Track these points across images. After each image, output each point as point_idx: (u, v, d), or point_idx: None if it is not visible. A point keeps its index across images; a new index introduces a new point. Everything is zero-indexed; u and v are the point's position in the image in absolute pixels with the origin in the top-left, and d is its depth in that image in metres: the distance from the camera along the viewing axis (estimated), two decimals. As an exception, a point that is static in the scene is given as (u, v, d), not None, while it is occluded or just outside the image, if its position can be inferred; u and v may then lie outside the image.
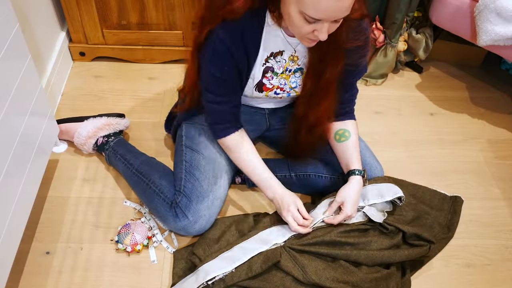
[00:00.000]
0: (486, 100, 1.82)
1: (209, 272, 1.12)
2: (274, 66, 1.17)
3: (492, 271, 1.29)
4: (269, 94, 1.24)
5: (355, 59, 1.14)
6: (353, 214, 1.21)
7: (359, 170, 1.23)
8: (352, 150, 1.25)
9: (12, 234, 1.09)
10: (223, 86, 1.13)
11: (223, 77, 1.10)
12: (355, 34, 1.08)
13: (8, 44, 1.05)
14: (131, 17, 1.71)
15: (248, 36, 1.06)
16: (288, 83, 1.22)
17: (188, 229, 1.23)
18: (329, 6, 0.89)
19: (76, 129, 1.46)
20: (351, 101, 1.28)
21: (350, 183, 1.22)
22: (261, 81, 1.19)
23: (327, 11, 0.90)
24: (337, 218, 1.21)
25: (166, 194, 1.26)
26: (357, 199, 1.22)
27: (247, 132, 1.37)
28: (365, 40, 1.12)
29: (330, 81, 1.14)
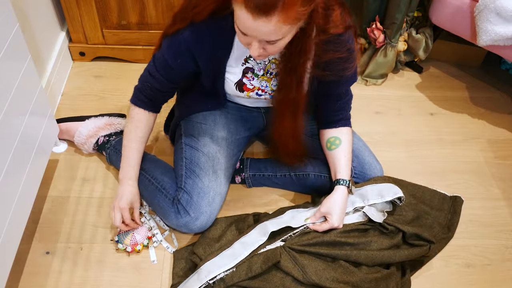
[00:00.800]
0: (486, 100, 1.82)
1: (211, 271, 1.12)
2: (255, 67, 1.18)
3: (492, 271, 1.29)
4: (251, 95, 1.24)
5: (338, 71, 1.13)
6: (339, 225, 1.20)
7: (344, 180, 1.22)
8: (341, 158, 1.24)
9: (12, 234, 1.09)
10: (166, 70, 1.17)
11: (171, 65, 1.15)
12: (335, 46, 1.07)
13: (8, 44, 1.05)
14: (131, 17, 1.71)
15: (217, 39, 1.09)
16: (269, 86, 1.22)
17: (189, 226, 1.23)
18: (247, 23, 0.90)
19: (77, 128, 1.46)
20: (344, 108, 1.26)
21: (334, 193, 1.21)
22: (241, 80, 1.20)
23: (247, 28, 0.91)
24: (322, 227, 1.20)
25: (168, 190, 1.27)
26: (342, 210, 1.20)
27: (243, 130, 1.37)
28: (348, 52, 1.10)
29: (284, 103, 1.14)
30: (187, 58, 1.13)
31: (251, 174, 1.42)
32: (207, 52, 1.12)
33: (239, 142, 1.37)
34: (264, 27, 0.89)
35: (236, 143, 1.36)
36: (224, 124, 1.33)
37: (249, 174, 1.42)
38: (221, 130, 1.32)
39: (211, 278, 1.11)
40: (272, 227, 1.20)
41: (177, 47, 1.12)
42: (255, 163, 1.43)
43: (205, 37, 1.09)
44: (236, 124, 1.37)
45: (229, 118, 1.35)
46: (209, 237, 1.24)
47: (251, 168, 1.42)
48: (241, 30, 0.94)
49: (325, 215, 1.21)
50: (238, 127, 1.37)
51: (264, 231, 1.19)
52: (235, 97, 1.30)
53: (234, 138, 1.35)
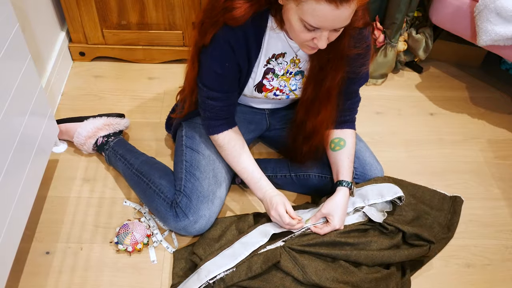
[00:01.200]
0: (486, 100, 1.82)
1: (211, 271, 1.12)
2: (275, 68, 1.17)
3: (492, 271, 1.29)
4: (268, 95, 1.24)
5: (355, 67, 1.14)
6: (341, 226, 1.20)
7: (346, 181, 1.21)
8: (344, 160, 1.24)
9: (12, 234, 1.09)
10: (222, 82, 1.13)
11: (223, 73, 1.10)
12: (356, 42, 1.08)
13: (8, 44, 1.05)
14: (131, 17, 1.71)
15: (250, 38, 1.06)
16: (288, 85, 1.22)
17: (188, 229, 1.23)
18: (327, 15, 0.89)
19: (76, 129, 1.46)
20: (352, 109, 1.27)
21: (336, 195, 1.21)
22: (261, 82, 1.20)
23: (325, 19, 0.90)
24: (324, 230, 1.19)
25: (166, 194, 1.26)
26: (344, 211, 1.20)
27: (247, 132, 1.37)
28: (366, 48, 1.11)
29: (330, 90, 1.14)
30: (232, 57, 1.08)
31: (251, 174, 1.42)
32: (244, 52, 1.09)
33: None
34: (345, 13, 0.89)
35: None
36: None
37: (249, 174, 1.42)
38: None
39: (211, 278, 1.11)
40: (274, 229, 1.20)
41: (219, 49, 1.06)
42: (255, 163, 1.43)
43: (242, 38, 1.06)
44: (239, 127, 1.36)
45: None
46: (209, 237, 1.24)
47: (251, 168, 1.42)
48: (313, 25, 0.92)
49: (326, 216, 1.21)
50: (241, 129, 1.36)
51: (265, 232, 1.19)
52: (249, 98, 1.29)
53: None
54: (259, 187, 1.22)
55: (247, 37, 1.06)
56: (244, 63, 1.11)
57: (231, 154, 1.23)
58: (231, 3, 0.99)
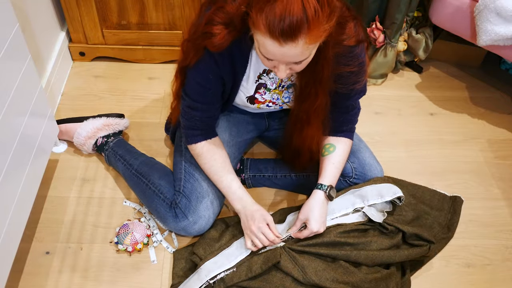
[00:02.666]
0: (486, 100, 1.82)
1: (211, 270, 1.12)
2: (267, 83, 1.18)
3: (492, 271, 1.29)
4: (261, 106, 1.25)
5: (348, 85, 1.12)
6: (320, 229, 1.17)
7: (322, 185, 1.20)
8: (328, 164, 1.22)
9: (12, 234, 1.09)
10: (203, 94, 1.13)
11: (206, 85, 1.10)
12: (347, 60, 1.07)
13: (8, 44, 1.05)
14: (131, 17, 1.71)
15: (235, 56, 1.07)
16: (280, 98, 1.23)
17: (188, 230, 1.23)
18: (274, 50, 0.89)
19: (76, 129, 1.46)
20: (350, 121, 1.25)
21: (309, 198, 1.20)
22: (253, 96, 1.20)
23: (274, 54, 0.91)
24: (303, 233, 1.18)
25: (165, 194, 1.26)
26: (320, 214, 1.17)
27: (246, 132, 1.37)
28: (359, 66, 1.09)
29: (309, 113, 1.14)
30: (216, 71, 1.09)
31: (251, 174, 1.42)
32: (229, 67, 1.09)
33: (240, 144, 1.37)
34: (292, 51, 0.88)
35: (237, 146, 1.36)
36: (226, 127, 1.33)
37: (249, 174, 1.42)
38: (222, 133, 1.31)
39: (211, 277, 1.11)
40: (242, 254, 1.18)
41: (204, 63, 1.07)
42: (255, 164, 1.43)
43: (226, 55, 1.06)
44: (238, 127, 1.36)
45: (231, 121, 1.35)
46: (209, 237, 1.24)
47: (251, 169, 1.42)
48: (266, 56, 0.93)
49: (305, 222, 1.19)
50: (240, 129, 1.37)
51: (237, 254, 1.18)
52: (243, 106, 1.30)
53: (236, 141, 1.35)
54: (237, 198, 1.20)
55: (233, 55, 1.06)
56: (229, 77, 1.12)
57: (208, 163, 1.21)
58: (210, 28, 0.99)
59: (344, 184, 1.32)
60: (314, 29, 0.85)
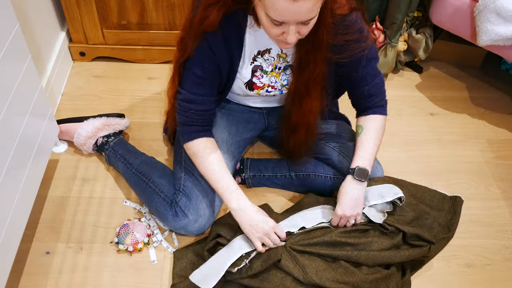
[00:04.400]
0: (486, 100, 1.82)
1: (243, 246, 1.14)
2: (263, 65, 1.17)
3: (492, 271, 1.29)
4: (261, 92, 1.24)
5: (353, 53, 1.12)
6: (345, 213, 1.17)
7: (350, 168, 1.20)
8: (358, 148, 1.22)
9: (12, 234, 1.09)
10: (200, 85, 1.12)
11: (202, 75, 1.10)
12: (343, 29, 1.07)
13: (8, 44, 1.05)
14: (131, 17, 1.71)
15: (230, 39, 1.08)
16: (279, 81, 1.22)
17: (188, 228, 1.23)
18: (287, 8, 0.89)
19: (76, 129, 1.46)
20: (375, 94, 1.21)
21: (342, 183, 1.21)
22: (251, 80, 1.20)
23: (286, 13, 0.90)
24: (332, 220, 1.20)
25: (166, 193, 1.26)
26: (349, 198, 1.17)
27: (245, 131, 1.37)
28: (357, 32, 1.09)
29: (308, 82, 1.13)
30: (213, 58, 1.09)
31: (251, 174, 1.42)
32: (225, 53, 1.09)
33: (239, 144, 1.37)
34: (304, 6, 0.88)
35: (236, 145, 1.36)
36: (225, 126, 1.33)
37: (249, 174, 1.42)
38: (221, 132, 1.31)
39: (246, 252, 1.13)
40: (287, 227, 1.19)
41: (200, 50, 1.07)
42: (255, 164, 1.43)
43: (221, 40, 1.07)
44: (237, 126, 1.36)
45: (230, 120, 1.35)
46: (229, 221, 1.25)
47: (251, 169, 1.42)
48: (277, 19, 0.92)
49: None
50: (239, 128, 1.37)
51: None
52: (243, 97, 1.29)
53: (235, 140, 1.35)
54: (235, 198, 1.17)
55: (227, 39, 1.06)
56: (225, 64, 1.12)
57: (205, 162, 1.17)
58: (205, 13, 1.01)
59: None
60: None
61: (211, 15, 1.00)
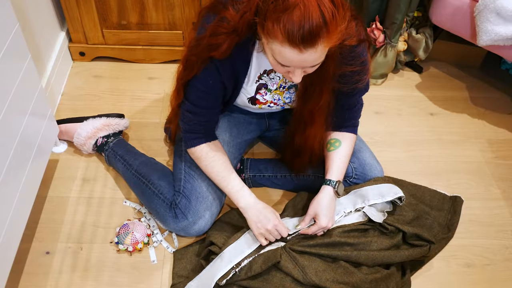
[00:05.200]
0: (486, 100, 1.82)
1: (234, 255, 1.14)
2: (268, 83, 1.18)
3: (492, 271, 1.29)
4: (263, 107, 1.25)
5: (351, 83, 1.13)
6: (328, 224, 1.18)
7: (330, 180, 1.21)
8: (335, 160, 1.23)
9: (12, 234, 1.09)
10: (203, 99, 1.13)
11: (206, 90, 1.10)
12: (349, 60, 1.07)
13: (8, 44, 1.05)
14: (131, 17, 1.71)
15: (237, 63, 1.08)
16: (282, 99, 1.23)
17: (187, 230, 1.23)
18: (293, 58, 0.90)
19: (76, 130, 1.46)
20: (353, 117, 1.26)
21: (318, 194, 1.21)
22: (254, 97, 1.20)
23: (292, 61, 0.91)
24: (311, 229, 1.19)
25: (165, 195, 1.26)
26: (329, 209, 1.19)
27: (246, 132, 1.37)
28: (361, 65, 1.10)
29: (313, 112, 1.14)
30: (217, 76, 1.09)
31: (251, 174, 1.42)
32: (230, 72, 1.10)
33: (240, 145, 1.37)
34: (312, 56, 0.89)
35: (237, 146, 1.36)
36: (226, 127, 1.33)
37: (249, 174, 1.42)
38: (222, 133, 1.31)
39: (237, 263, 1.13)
40: None
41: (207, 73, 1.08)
42: (255, 164, 1.43)
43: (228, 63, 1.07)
44: (238, 127, 1.36)
45: (231, 121, 1.35)
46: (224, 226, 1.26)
47: (251, 169, 1.42)
48: (283, 64, 0.93)
49: (314, 217, 1.20)
50: (240, 130, 1.37)
51: None
52: (245, 106, 1.30)
53: (236, 141, 1.35)
54: (241, 196, 1.20)
55: (234, 59, 1.06)
56: (230, 82, 1.12)
57: (209, 165, 1.20)
58: (215, 39, 0.99)
59: (344, 184, 1.32)
60: (332, 32, 0.86)
61: (224, 45, 0.98)
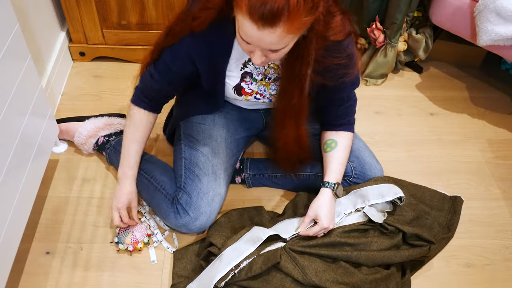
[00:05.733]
0: (486, 100, 1.82)
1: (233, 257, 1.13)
2: (253, 72, 1.18)
3: (492, 271, 1.29)
4: (249, 98, 1.25)
5: (337, 77, 1.12)
6: (330, 225, 1.18)
7: (329, 183, 1.20)
8: (332, 161, 1.23)
9: (12, 234, 1.09)
10: (166, 73, 1.16)
11: (171, 67, 1.14)
12: (334, 52, 1.07)
13: (8, 44, 1.05)
14: (131, 17, 1.71)
15: (216, 47, 1.08)
16: (268, 90, 1.23)
17: (189, 226, 1.23)
18: (252, 33, 0.89)
19: (77, 129, 1.46)
20: (347, 113, 1.25)
21: (318, 196, 1.20)
22: (239, 85, 1.20)
23: (251, 37, 0.91)
24: (312, 230, 1.18)
25: (167, 190, 1.27)
26: (330, 210, 1.19)
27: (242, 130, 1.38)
28: (347, 58, 1.09)
29: (286, 110, 1.13)
30: (187, 62, 1.12)
31: (251, 174, 1.42)
32: (206, 58, 1.11)
33: (238, 142, 1.37)
34: (269, 37, 0.89)
35: (235, 143, 1.36)
36: (224, 124, 1.33)
37: (249, 174, 1.42)
38: (220, 130, 1.32)
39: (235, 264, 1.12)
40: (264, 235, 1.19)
41: (176, 52, 1.11)
42: (255, 163, 1.43)
43: (204, 44, 1.08)
44: (235, 124, 1.37)
45: (228, 118, 1.35)
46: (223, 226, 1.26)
47: (251, 168, 1.42)
48: (244, 39, 0.93)
49: (314, 219, 1.20)
50: (237, 127, 1.37)
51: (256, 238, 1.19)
52: (234, 100, 1.30)
53: (234, 138, 1.35)
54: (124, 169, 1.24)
55: (212, 47, 1.07)
56: (205, 68, 1.14)
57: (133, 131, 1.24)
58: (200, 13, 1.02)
59: (344, 184, 1.32)
60: (293, 19, 0.85)
61: (202, 15, 1.01)
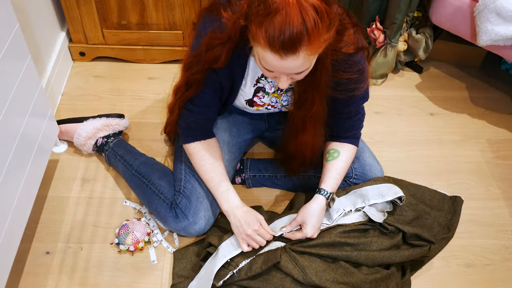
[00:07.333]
0: (486, 100, 1.82)
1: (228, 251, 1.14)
2: (266, 86, 1.18)
3: (492, 271, 1.29)
4: (260, 109, 1.26)
5: (348, 91, 1.12)
6: (313, 235, 1.17)
7: (325, 190, 1.19)
8: (331, 170, 1.22)
9: (12, 234, 1.09)
10: (200, 97, 1.13)
11: (203, 89, 1.11)
12: (346, 67, 1.06)
13: (8, 44, 1.05)
14: (131, 17, 1.71)
15: (234, 65, 1.08)
16: (279, 101, 1.23)
17: (188, 230, 1.23)
18: (275, 63, 0.89)
19: (76, 130, 1.46)
20: (353, 127, 1.24)
21: (310, 202, 1.19)
22: (251, 99, 1.21)
23: (274, 67, 0.91)
24: (295, 235, 1.18)
25: (166, 194, 1.26)
26: (318, 220, 1.17)
27: (246, 132, 1.37)
28: (358, 73, 1.08)
29: (307, 118, 1.13)
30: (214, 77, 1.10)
31: (251, 174, 1.42)
32: (228, 73, 1.10)
33: (240, 145, 1.37)
34: (293, 63, 0.88)
35: (237, 146, 1.36)
36: (226, 128, 1.33)
37: (249, 174, 1.42)
38: (222, 133, 1.31)
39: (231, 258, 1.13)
40: None
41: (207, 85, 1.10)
42: (255, 164, 1.43)
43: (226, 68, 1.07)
44: (238, 127, 1.37)
45: (231, 121, 1.35)
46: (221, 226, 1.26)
47: (252, 169, 1.42)
48: (267, 69, 0.93)
49: (301, 224, 1.19)
50: (240, 130, 1.37)
51: None
52: (243, 107, 1.30)
53: (236, 141, 1.35)
54: (225, 198, 1.19)
55: (231, 63, 1.06)
56: (227, 82, 1.13)
57: (199, 162, 1.21)
58: (212, 53, 1.00)
59: (344, 184, 1.32)
60: (314, 40, 0.85)
61: (222, 56, 1.00)
